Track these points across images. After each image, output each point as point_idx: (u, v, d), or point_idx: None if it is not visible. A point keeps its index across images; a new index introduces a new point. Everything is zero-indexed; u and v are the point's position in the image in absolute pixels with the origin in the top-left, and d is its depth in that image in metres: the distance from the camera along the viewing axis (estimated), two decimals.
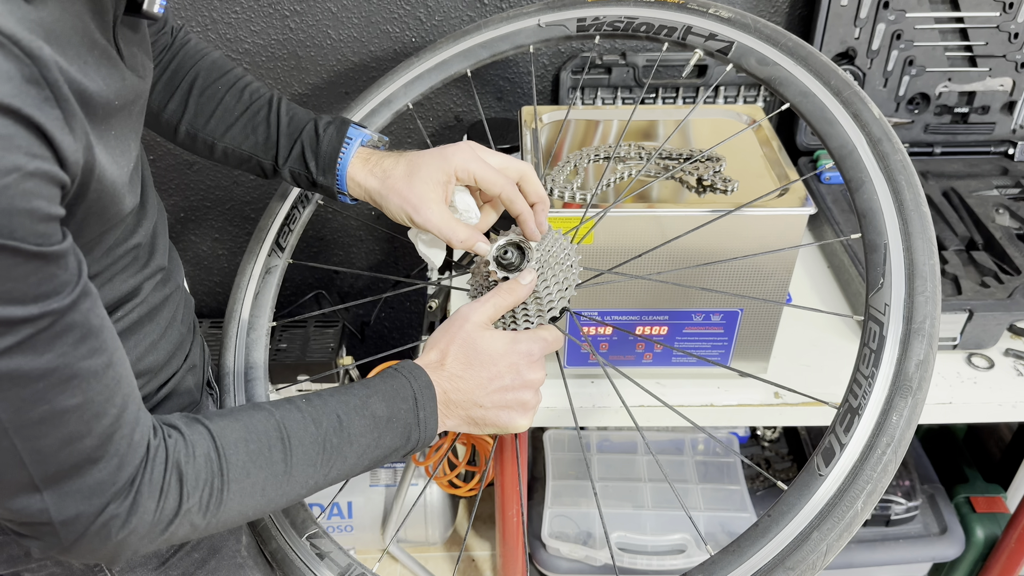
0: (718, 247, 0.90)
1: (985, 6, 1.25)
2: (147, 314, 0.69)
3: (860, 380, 0.67)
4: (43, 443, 0.49)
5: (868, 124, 0.76)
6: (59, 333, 0.48)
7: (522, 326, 0.75)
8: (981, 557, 1.43)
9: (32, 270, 0.45)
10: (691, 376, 1.03)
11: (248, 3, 1.30)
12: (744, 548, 0.65)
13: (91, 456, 0.52)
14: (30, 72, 0.45)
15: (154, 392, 0.72)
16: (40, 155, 0.45)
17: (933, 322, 0.66)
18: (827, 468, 0.64)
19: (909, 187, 0.72)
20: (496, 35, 1.02)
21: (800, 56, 0.83)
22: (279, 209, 1.02)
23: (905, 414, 0.64)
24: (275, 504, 0.62)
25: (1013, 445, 1.56)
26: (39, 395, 0.48)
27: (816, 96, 0.80)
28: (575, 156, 0.99)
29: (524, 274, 0.74)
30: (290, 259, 1.01)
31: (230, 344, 0.95)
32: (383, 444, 0.66)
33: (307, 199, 1.02)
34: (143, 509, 0.54)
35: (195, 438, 0.58)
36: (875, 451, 0.63)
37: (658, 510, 1.42)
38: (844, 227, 1.18)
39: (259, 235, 1.01)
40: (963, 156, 1.36)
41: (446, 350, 0.71)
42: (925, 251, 0.69)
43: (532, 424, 0.85)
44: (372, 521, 1.65)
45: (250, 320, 0.96)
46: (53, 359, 0.48)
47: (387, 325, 1.78)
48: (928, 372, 0.65)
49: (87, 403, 0.50)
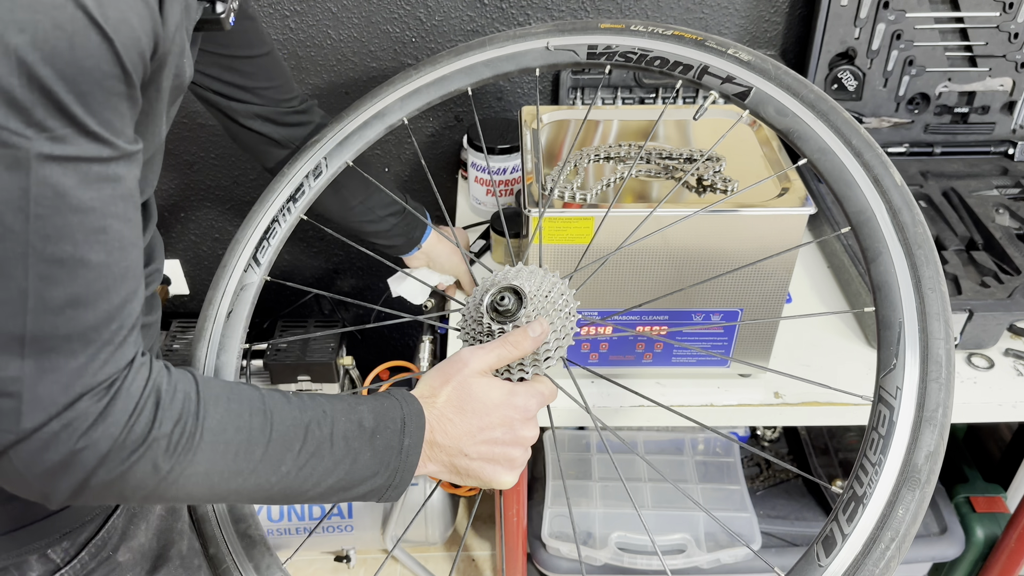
0: (718, 247, 0.90)
1: (985, 6, 1.25)
2: None
3: (866, 466, 0.63)
4: (52, 292, 0.48)
5: (888, 191, 0.72)
6: (109, 177, 0.49)
7: (516, 376, 0.71)
8: (981, 557, 1.43)
9: (116, 90, 0.48)
10: (691, 376, 1.03)
11: None
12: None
13: (85, 334, 0.50)
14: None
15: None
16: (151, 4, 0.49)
17: (946, 411, 0.63)
18: (827, 559, 0.61)
19: (928, 263, 0.68)
20: (501, 54, 0.97)
21: (821, 111, 0.78)
22: (258, 220, 0.96)
23: (912, 508, 0.60)
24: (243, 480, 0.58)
25: (1013, 445, 1.56)
26: (70, 230, 0.48)
27: (835, 155, 0.75)
28: (575, 156, 0.99)
29: (533, 325, 0.70)
30: (267, 277, 0.94)
31: (198, 366, 0.89)
32: (361, 461, 0.62)
33: (289, 212, 0.97)
34: (113, 419, 0.51)
35: (179, 376, 0.56)
36: (879, 545, 0.60)
37: (658, 510, 1.42)
38: (844, 227, 1.18)
39: (235, 247, 0.95)
40: (963, 156, 1.36)
41: (440, 390, 0.67)
42: (942, 334, 0.65)
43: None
44: (372, 521, 1.65)
45: (221, 340, 0.90)
46: (95, 199, 0.48)
47: (387, 325, 1.78)
48: (937, 465, 0.62)
49: (104, 267, 0.50)
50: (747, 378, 1.03)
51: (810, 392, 1.01)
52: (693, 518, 1.41)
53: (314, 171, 0.98)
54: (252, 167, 1.50)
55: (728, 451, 1.52)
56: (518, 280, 0.73)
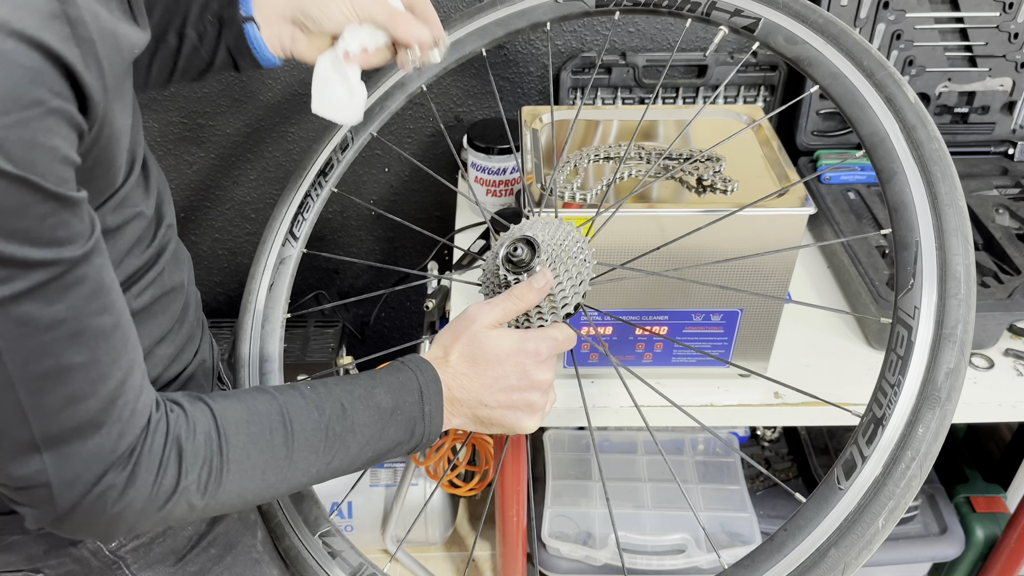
0: (718, 247, 0.90)
1: (985, 6, 1.25)
2: (159, 298, 0.68)
3: (885, 388, 0.63)
4: (47, 399, 0.49)
5: (902, 109, 0.71)
6: (71, 284, 0.48)
7: (535, 324, 0.73)
8: (981, 557, 1.43)
9: (49, 211, 0.45)
10: (691, 376, 1.03)
11: None
12: (758, 563, 0.62)
13: (94, 420, 0.51)
14: (56, 8, 0.44)
15: (167, 385, 0.72)
16: (63, 94, 0.45)
17: (966, 327, 0.62)
18: (847, 481, 0.61)
19: (945, 179, 0.66)
20: (511, 12, 0.98)
21: (831, 35, 0.77)
22: (292, 197, 1.00)
23: (932, 427, 0.60)
24: (276, 489, 0.62)
25: (1013, 445, 1.56)
26: (46, 347, 0.48)
27: (847, 78, 0.74)
28: (575, 156, 0.99)
29: (537, 277, 0.71)
30: (304, 248, 0.98)
31: (245, 336, 0.93)
32: (387, 436, 0.66)
33: (320, 186, 1.00)
34: (141, 481, 0.53)
35: (197, 416, 0.57)
36: (899, 465, 0.60)
37: (658, 510, 1.42)
38: (844, 227, 1.18)
39: (272, 225, 1.00)
40: (963, 156, 1.36)
41: (451, 348, 0.70)
42: (961, 249, 0.64)
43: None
44: (372, 521, 1.65)
45: (265, 312, 0.95)
46: (63, 310, 0.47)
47: (387, 325, 1.78)
48: (959, 381, 0.61)
49: (93, 362, 0.50)
50: (747, 378, 1.03)
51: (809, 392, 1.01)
52: (693, 518, 1.41)
53: (340, 145, 1.03)
54: (252, 167, 1.51)
55: (728, 451, 1.52)
56: (532, 231, 0.74)
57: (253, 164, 1.50)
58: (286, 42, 0.80)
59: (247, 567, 0.83)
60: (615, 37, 1.36)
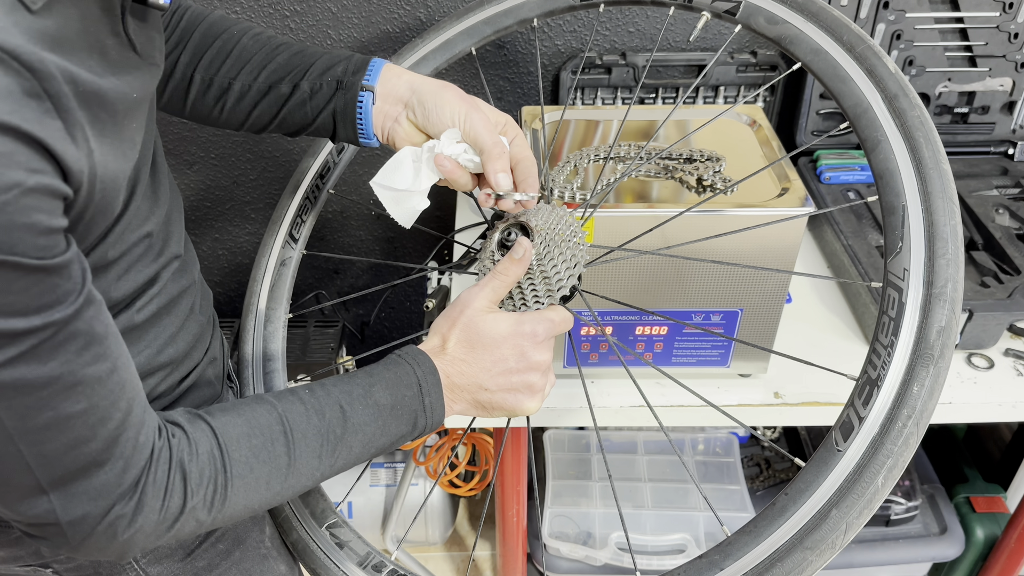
0: (718, 246, 0.90)
1: (985, 6, 1.25)
2: (165, 305, 0.69)
3: (879, 350, 0.64)
4: (48, 448, 0.50)
5: (883, 79, 0.72)
6: (62, 342, 0.48)
7: (532, 307, 0.74)
8: (981, 557, 1.43)
9: (33, 283, 0.46)
10: (691, 376, 1.03)
11: (248, 3, 1.30)
12: (761, 528, 0.63)
13: (97, 459, 0.52)
14: (30, 86, 0.44)
15: (176, 385, 0.72)
16: (41, 170, 0.45)
17: (956, 286, 0.63)
18: (845, 443, 0.62)
19: (928, 144, 0.68)
20: (499, 10, 1.00)
21: (811, 12, 0.79)
22: (291, 200, 1.01)
23: (927, 384, 0.61)
24: (281, 497, 0.63)
25: (1013, 445, 1.56)
26: (43, 402, 0.48)
27: (828, 53, 0.76)
28: (575, 156, 0.99)
29: (515, 248, 0.72)
30: (304, 250, 1.00)
31: (248, 337, 0.95)
32: (389, 432, 0.67)
33: (319, 189, 1.01)
34: (148, 509, 0.55)
35: (198, 436, 0.58)
36: (896, 424, 0.61)
37: (658, 510, 1.42)
38: (844, 227, 1.18)
39: (272, 227, 1.01)
40: (963, 156, 1.36)
41: (448, 335, 0.70)
42: (946, 211, 0.65)
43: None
44: (372, 521, 1.65)
45: (267, 312, 0.96)
46: (57, 367, 0.48)
47: (387, 325, 1.78)
48: (951, 339, 0.62)
49: (92, 408, 0.51)
50: (747, 378, 1.03)
51: (810, 392, 1.01)
52: (693, 518, 1.41)
53: (337, 148, 1.05)
54: (252, 167, 1.51)
55: (728, 451, 1.52)
56: (526, 216, 0.75)
57: (253, 164, 1.50)
58: (389, 122, 0.79)
59: (255, 562, 0.84)
60: (615, 37, 1.36)
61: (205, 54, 0.81)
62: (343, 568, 0.81)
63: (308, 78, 0.80)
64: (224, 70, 0.81)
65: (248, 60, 0.82)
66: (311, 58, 0.81)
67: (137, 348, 0.66)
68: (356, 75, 0.79)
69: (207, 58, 0.81)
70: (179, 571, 0.77)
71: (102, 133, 0.52)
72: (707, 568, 0.65)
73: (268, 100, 0.82)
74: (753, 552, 0.63)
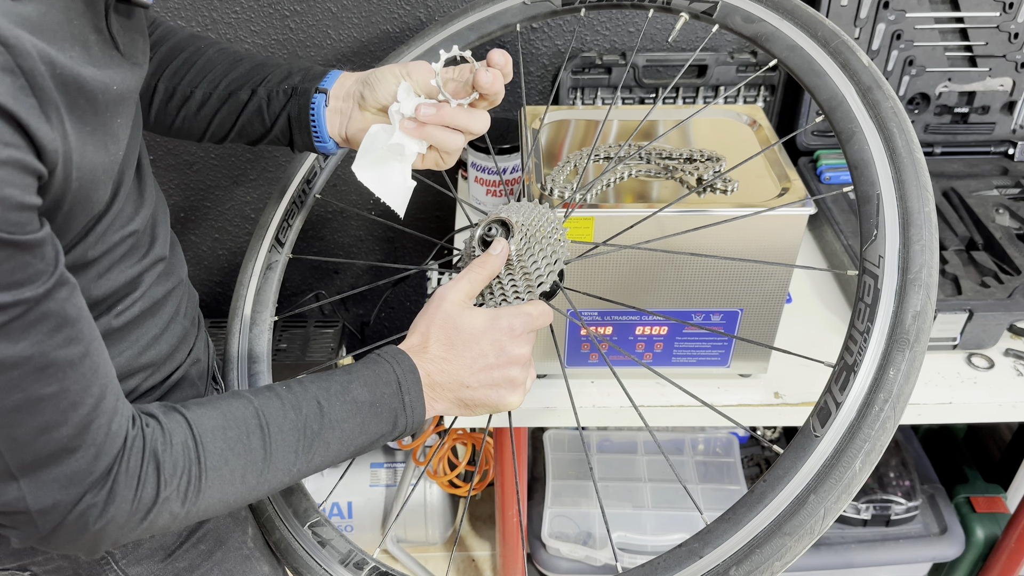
0: (717, 246, 0.90)
1: (985, 6, 1.25)
2: (149, 308, 0.69)
3: (855, 336, 0.64)
4: (19, 431, 0.49)
5: (857, 72, 0.73)
6: (33, 322, 0.48)
7: (512, 303, 0.74)
8: (981, 557, 1.43)
9: (5, 257, 0.46)
10: (691, 376, 1.03)
11: (248, 3, 1.30)
12: (740, 515, 0.64)
13: (68, 445, 0.52)
14: (4, 60, 0.44)
15: (157, 385, 0.72)
16: (12, 143, 0.45)
17: (930, 271, 0.64)
18: (823, 429, 0.62)
19: (901, 133, 0.69)
20: (483, 16, 1.01)
21: (786, 10, 0.81)
22: (278, 205, 1.02)
23: (903, 368, 0.62)
24: (257, 491, 0.62)
25: (1013, 445, 1.56)
26: (13, 383, 0.48)
27: (803, 49, 0.78)
28: (575, 156, 0.99)
29: (494, 244, 0.73)
30: (290, 254, 1.01)
31: (233, 340, 0.96)
32: (368, 430, 0.66)
33: (305, 194, 1.02)
34: (120, 499, 0.54)
35: (172, 427, 0.58)
36: (872, 408, 0.61)
37: (658, 510, 1.42)
38: (844, 227, 1.18)
39: (259, 232, 1.02)
40: (963, 156, 1.36)
41: (427, 332, 0.70)
42: (920, 198, 0.66)
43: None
44: (372, 521, 1.65)
45: (252, 316, 0.97)
46: (27, 347, 0.48)
47: (387, 325, 1.78)
48: (927, 324, 0.63)
49: (63, 392, 0.51)
50: (747, 378, 1.03)
51: (810, 392, 1.01)
52: (693, 518, 1.41)
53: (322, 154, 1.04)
54: (252, 167, 1.51)
55: (728, 451, 1.52)
56: (507, 213, 0.76)
57: (253, 164, 1.50)
58: (344, 120, 0.80)
59: (237, 563, 0.83)
60: (615, 37, 1.36)
61: (170, 64, 0.82)
62: (325, 567, 0.81)
63: (266, 85, 0.81)
64: (187, 79, 0.82)
65: (211, 70, 0.83)
66: (271, 68, 0.83)
67: (119, 349, 0.66)
68: (312, 82, 0.80)
69: (171, 68, 0.82)
70: (160, 572, 0.76)
71: (81, 120, 0.51)
72: (687, 556, 0.66)
73: (227, 107, 0.83)
74: (732, 539, 0.63)
